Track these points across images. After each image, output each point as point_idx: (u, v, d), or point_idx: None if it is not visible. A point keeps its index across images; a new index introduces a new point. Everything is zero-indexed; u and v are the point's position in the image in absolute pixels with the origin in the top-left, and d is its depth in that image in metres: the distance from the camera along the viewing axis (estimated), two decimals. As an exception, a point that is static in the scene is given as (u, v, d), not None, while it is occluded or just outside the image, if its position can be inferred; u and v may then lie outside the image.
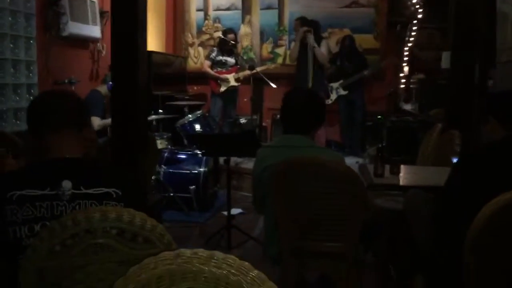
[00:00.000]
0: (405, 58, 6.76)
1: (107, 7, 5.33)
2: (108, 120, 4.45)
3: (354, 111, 6.27)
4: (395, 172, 2.82)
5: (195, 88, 7.22)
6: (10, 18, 4.07)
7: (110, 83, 4.59)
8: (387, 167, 2.84)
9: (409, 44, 6.72)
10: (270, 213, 2.32)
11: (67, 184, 1.45)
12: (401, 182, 2.68)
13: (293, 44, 6.40)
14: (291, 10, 7.08)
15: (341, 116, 6.41)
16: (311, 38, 5.82)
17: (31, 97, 4.34)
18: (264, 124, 7.11)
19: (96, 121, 4.38)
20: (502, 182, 1.86)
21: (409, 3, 6.40)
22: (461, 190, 2.00)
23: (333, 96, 6.28)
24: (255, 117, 6.63)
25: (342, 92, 6.23)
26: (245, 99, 6.56)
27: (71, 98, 1.59)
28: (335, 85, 6.27)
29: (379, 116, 6.44)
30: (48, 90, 1.67)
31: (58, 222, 1.27)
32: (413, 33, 6.68)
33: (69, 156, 1.51)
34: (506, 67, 2.92)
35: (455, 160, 2.41)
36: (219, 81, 6.29)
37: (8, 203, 1.39)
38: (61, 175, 1.45)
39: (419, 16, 6.38)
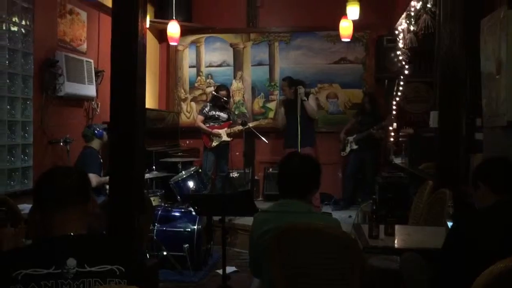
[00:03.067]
0: (394, 112, 6.93)
1: (103, 66, 5.50)
2: (106, 178, 4.48)
3: (364, 167, 6.44)
4: (390, 233, 2.85)
5: (188, 142, 7.30)
6: (8, 81, 4.15)
7: (97, 130, 4.64)
8: (382, 227, 2.88)
9: (397, 98, 6.91)
10: (267, 278, 2.33)
11: (71, 262, 1.46)
12: (397, 245, 2.71)
13: (279, 114, 6.58)
14: (282, 66, 7.29)
15: (347, 169, 6.53)
16: (302, 93, 5.99)
17: (26, 157, 4.37)
18: (256, 177, 7.16)
19: (94, 179, 4.39)
20: (495, 248, 1.91)
21: (395, 59, 6.63)
22: (456, 256, 2.04)
23: (348, 149, 6.52)
24: (247, 170, 6.69)
25: (354, 146, 6.46)
26: (237, 153, 6.63)
27: (76, 175, 1.63)
28: (350, 138, 6.51)
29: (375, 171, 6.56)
30: (53, 167, 1.70)
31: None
32: (400, 88, 6.88)
33: (73, 233, 1.54)
34: (493, 133, 3.02)
35: (449, 223, 2.45)
36: (211, 136, 6.37)
37: (13, 283, 1.40)
38: (66, 253, 1.47)
39: (406, 72, 6.60)
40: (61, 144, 4.64)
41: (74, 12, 5.24)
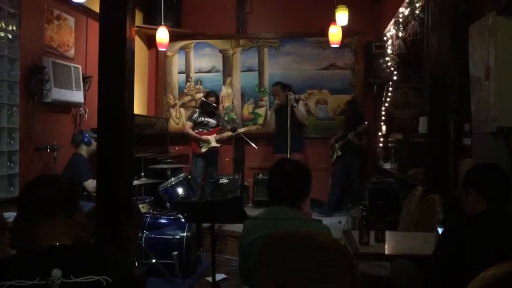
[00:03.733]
0: (383, 118, 6.96)
1: (91, 72, 5.45)
2: None
3: (350, 173, 6.47)
4: (380, 239, 2.84)
5: (177, 148, 7.25)
6: (-7, 87, 4.09)
7: (86, 135, 4.61)
8: (372, 233, 2.87)
9: (386, 104, 6.94)
10: (257, 286, 2.30)
11: (56, 273, 1.43)
12: (387, 251, 2.70)
13: (269, 117, 6.58)
14: (271, 72, 7.28)
15: (333, 175, 6.54)
16: (292, 99, 6.00)
17: (12, 165, 4.30)
18: (246, 183, 7.13)
19: (92, 184, 4.32)
20: (487, 254, 1.90)
21: (384, 65, 6.66)
22: (447, 262, 2.03)
23: (334, 156, 6.56)
24: (237, 177, 6.66)
25: (339, 153, 6.50)
26: (226, 159, 6.60)
27: (62, 185, 1.59)
28: (336, 145, 6.56)
29: (360, 176, 6.58)
30: (39, 176, 1.66)
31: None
32: (389, 94, 6.91)
33: (59, 243, 1.50)
34: (482, 138, 3.03)
35: (439, 229, 2.45)
36: (200, 142, 6.34)
37: (-4, 295, 1.37)
38: (51, 264, 1.44)
39: (394, 77, 6.63)
40: (48, 151, 4.57)
41: (61, 18, 5.19)
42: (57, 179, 1.64)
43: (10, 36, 4.32)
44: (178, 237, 4.49)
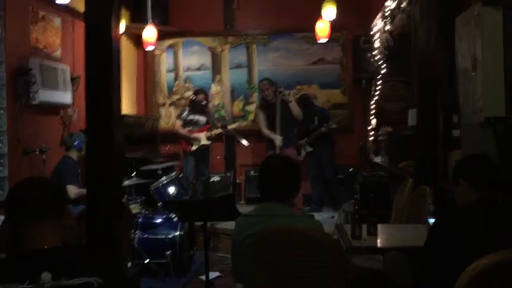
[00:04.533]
0: (372, 112, 6.98)
1: (79, 72, 5.41)
2: (85, 191, 4.39)
3: (323, 166, 6.39)
4: (372, 232, 2.85)
5: (168, 147, 7.22)
6: (-20, 90, 4.05)
7: (77, 141, 4.59)
8: (364, 226, 2.88)
9: (375, 98, 6.96)
10: (250, 283, 2.30)
11: (46, 276, 1.41)
12: (379, 244, 2.71)
13: (258, 120, 6.53)
14: (260, 69, 7.28)
15: (310, 172, 6.48)
16: (286, 94, 6.00)
17: (0, 168, 4.26)
18: (238, 180, 7.13)
19: (73, 190, 4.31)
20: (478, 244, 1.91)
21: (372, 59, 6.67)
22: (439, 253, 2.04)
23: (303, 153, 6.41)
24: (228, 174, 6.65)
25: (309, 148, 6.39)
26: (218, 157, 6.58)
27: (49, 187, 1.58)
28: (302, 142, 6.42)
29: (351, 169, 6.59)
30: (26, 178, 1.64)
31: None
32: (378, 87, 6.93)
33: (48, 246, 1.49)
34: (471, 129, 3.05)
35: (430, 220, 2.46)
36: (190, 140, 6.32)
37: (-15, 300, 1.35)
38: (41, 267, 1.42)
39: (383, 71, 6.65)
40: (37, 153, 4.53)
41: (47, 19, 5.13)
42: (44, 181, 1.63)
43: (-5, 38, 4.27)
44: (171, 236, 4.48)
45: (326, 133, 6.38)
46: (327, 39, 5.98)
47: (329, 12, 5.55)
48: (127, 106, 6.90)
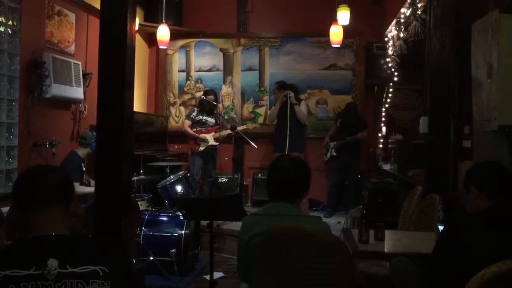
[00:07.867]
0: (383, 119, 6.96)
1: (91, 68, 5.43)
2: (88, 189, 4.40)
3: (347, 173, 6.41)
4: (380, 238, 2.83)
5: (176, 147, 7.24)
6: (-7, 81, 4.08)
7: (94, 143, 4.60)
8: (371, 232, 2.86)
9: (386, 105, 6.93)
10: (255, 283, 2.28)
11: (53, 263, 1.41)
12: (386, 249, 2.69)
13: (273, 107, 6.54)
14: (272, 72, 7.27)
15: (331, 176, 6.47)
16: (292, 97, 6.00)
17: (11, 160, 4.29)
18: (245, 183, 7.12)
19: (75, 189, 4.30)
20: (488, 252, 1.89)
21: (385, 66, 6.65)
22: (448, 260, 2.01)
23: (329, 155, 6.51)
24: (236, 176, 6.63)
25: (334, 153, 6.45)
26: (226, 158, 6.57)
27: (57, 174, 1.58)
28: (332, 144, 6.50)
29: (358, 175, 6.55)
30: (34, 166, 1.64)
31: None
32: (389, 95, 6.91)
33: (55, 233, 1.49)
34: (484, 137, 3.02)
35: (440, 227, 2.43)
36: (198, 140, 6.32)
37: (-9, 284, 1.35)
38: (47, 253, 1.42)
39: (395, 78, 6.62)
40: (47, 146, 4.55)
41: (62, 14, 5.17)
42: (52, 169, 1.63)
43: (10, 31, 4.30)
44: (177, 234, 4.47)
45: (356, 142, 6.41)
46: (340, 45, 5.96)
47: (343, 17, 5.54)
48: (138, 104, 6.92)
